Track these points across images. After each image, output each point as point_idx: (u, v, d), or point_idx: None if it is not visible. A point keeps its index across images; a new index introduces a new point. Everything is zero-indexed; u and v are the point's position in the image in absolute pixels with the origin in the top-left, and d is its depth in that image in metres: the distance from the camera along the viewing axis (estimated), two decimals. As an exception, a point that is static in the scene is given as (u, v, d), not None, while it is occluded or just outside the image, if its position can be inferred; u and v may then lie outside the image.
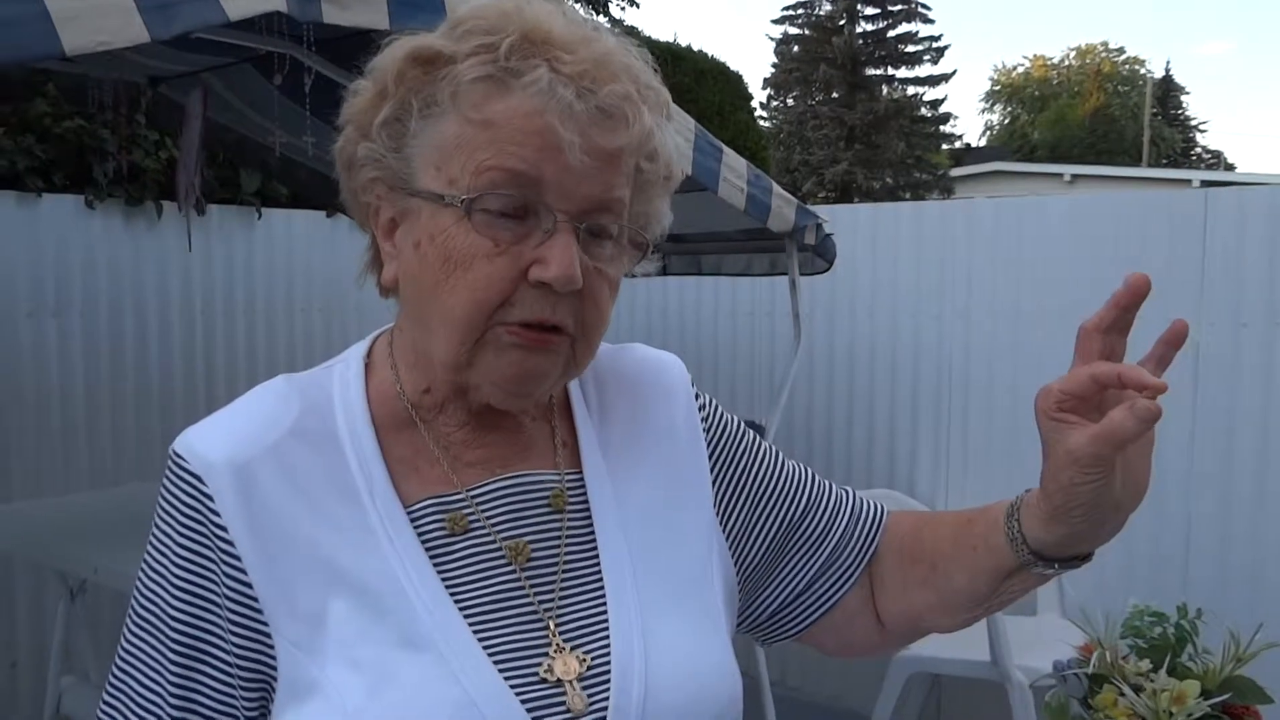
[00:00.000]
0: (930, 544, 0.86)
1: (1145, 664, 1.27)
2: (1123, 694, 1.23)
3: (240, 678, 0.71)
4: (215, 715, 0.71)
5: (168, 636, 0.72)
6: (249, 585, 0.70)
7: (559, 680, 0.70)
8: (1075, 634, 1.55)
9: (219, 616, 0.71)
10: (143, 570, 0.73)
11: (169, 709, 0.71)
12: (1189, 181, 16.26)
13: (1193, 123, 38.51)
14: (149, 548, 0.73)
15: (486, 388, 0.73)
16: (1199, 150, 37.67)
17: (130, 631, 0.74)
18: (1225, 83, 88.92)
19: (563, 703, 0.70)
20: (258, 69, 2.53)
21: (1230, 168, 34.78)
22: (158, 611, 0.72)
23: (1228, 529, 2.95)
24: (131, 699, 0.73)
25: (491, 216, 0.69)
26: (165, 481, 0.73)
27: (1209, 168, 33.04)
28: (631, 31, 8.45)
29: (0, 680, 3.16)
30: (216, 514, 0.70)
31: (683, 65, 8.00)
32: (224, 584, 0.70)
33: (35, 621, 3.20)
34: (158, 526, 0.73)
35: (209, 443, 0.72)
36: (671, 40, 9.27)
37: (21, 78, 2.99)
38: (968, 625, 0.87)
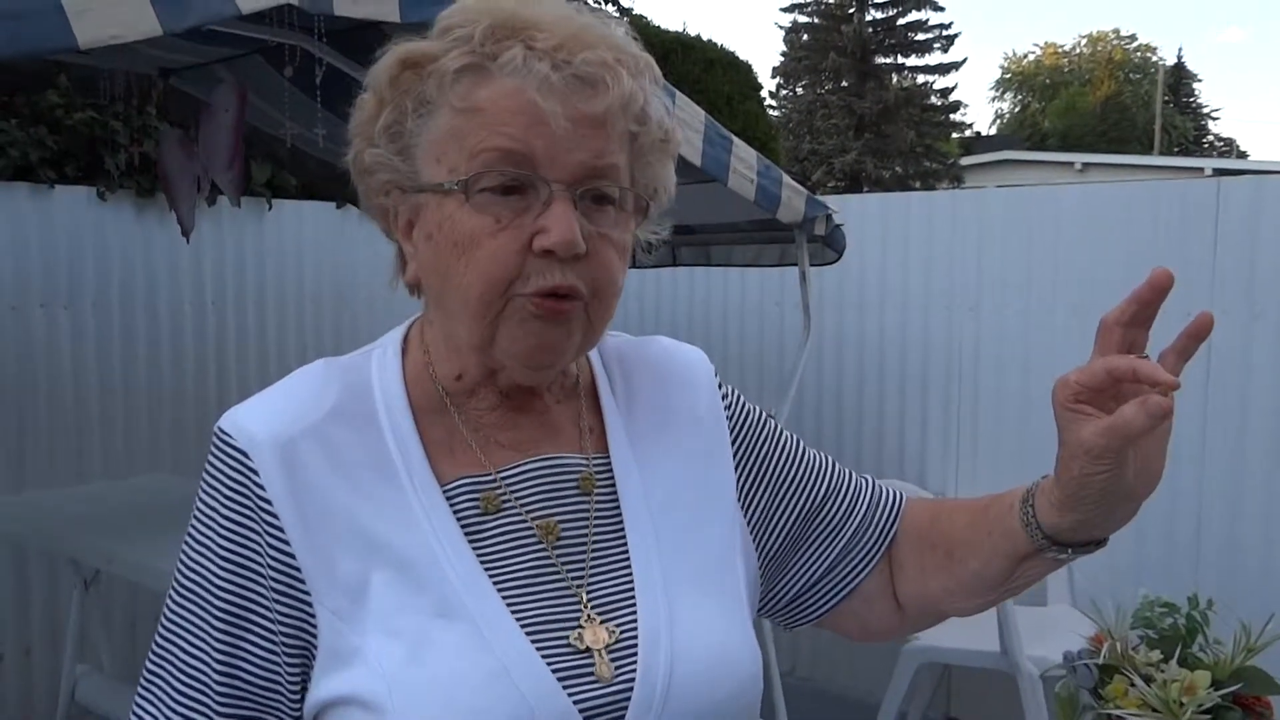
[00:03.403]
0: (947, 529, 0.88)
1: (1156, 654, 1.27)
2: (1133, 684, 1.23)
3: (284, 646, 0.73)
4: (260, 682, 0.74)
5: (214, 606, 0.74)
6: (292, 556, 0.73)
7: (588, 649, 0.73)
8: (1085, 624, 1.55)
9: (263, 587, 0.73)
10: (187, 544, 0.76)
11: (215, 676, 0.73)
12: (1201, 169, 16.16)
13: (1205, 110, 38.24)
14: (193, 522, 0.76)
15: (510, 363, 0.77)
16: (1211, 138, 37.41)
17: (174, 603, 0.76)
18: (1239, 70, 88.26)
19: (591, 671, 0.73)
20: (268, 60, 2.54)
21: (1243, 155, 34.55)
22: (203, 583, 0.74)
23: (1240, 519, 2.94)
24: (176, 667, 0.74)
25: (491, 195, 0.72)
26: (211, 458, 0.76)
27: (1221, 155, 32.83)
28: (639, 21, 8.42)
29: (15, 669, 3.19)
30: (262, 488, 0.73)
31: (691, 55, 7.95)
32: (268, 555, 0.73)
33: (49, 610, 3.23)
34: (203, 500, 0.76)
35: (254, 420, 0.75)
36: (680, 30, 9.23)
37: (33, 69, 3.00)
38: (986, 609, 0.90)
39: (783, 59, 23.83)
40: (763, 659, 2.89)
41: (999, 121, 42.50)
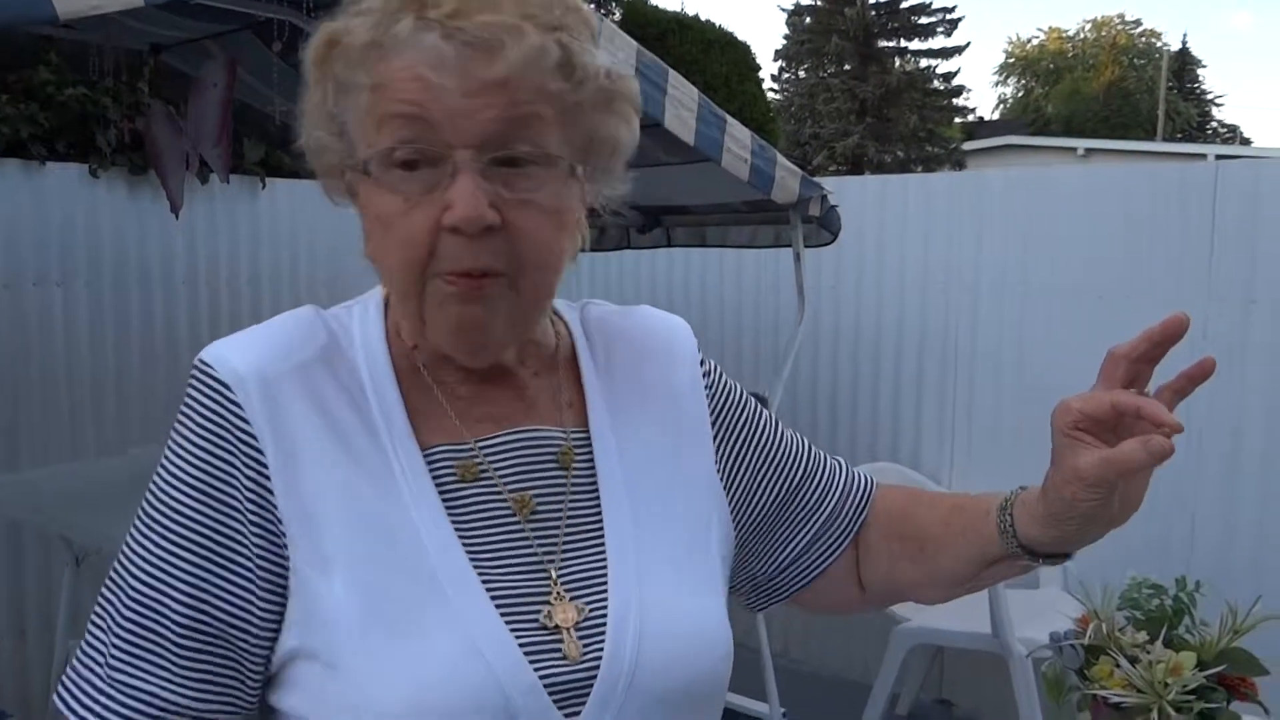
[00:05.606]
0: (921, 523, 0.89)
1: (1142, 636, 1.26)
2: (1118, 665, 1.23)
3: (258, 582, 0.71)
4: (226, 618, 0.70)
5: (181, 539, 0.70)
6: (271, 493, 0.71)
7: (557, 627, 0.72)
8: (1077, 607, 1.54)
9: (239, 521, 0.71)
10: (158, 476, 0.73)
11: (176, 608, 0.70)
12: (1204, 156, 16.09)
13: (1209, 96, 38.05)
14: (166, 453, 0.73)
15: (443, 346, 0.75)
16: (1215, 124, 37.24)
17: (139, 534, 0.72)
18: (1244, 55, 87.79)
19: (559, 649, 0.72)
20: (258, 36, 2.52)
21: (1246, 142, 34.42)
22: (172, 514, 0.71)
23: (1233, 506, 2.94)
24: (133, 596, 0.71)
25: (402, 173, 0.70)
26: (190, 390, 0.74)
27: (1225, 142, 32.70)
28: (637, 2, 8.37)
29: (9, 647, 3.19)
30: (246, 421, 0.71)
31: (689, 35, 7.90)
32: (245, 488, 0.71)
33: (44, 589, 3.22)
34: (177, 431, 0.73)
35: (238, 355, 0.74)
36: (679, 10, 9.17)
37: (24, 44, 2.98)
38: (947, 600, 0.92)
39: (785, 42, 23.71)
40: (754, 640, 2.87)
41: (1002, 106, 42.35)
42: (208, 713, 0.71)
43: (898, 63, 22.55)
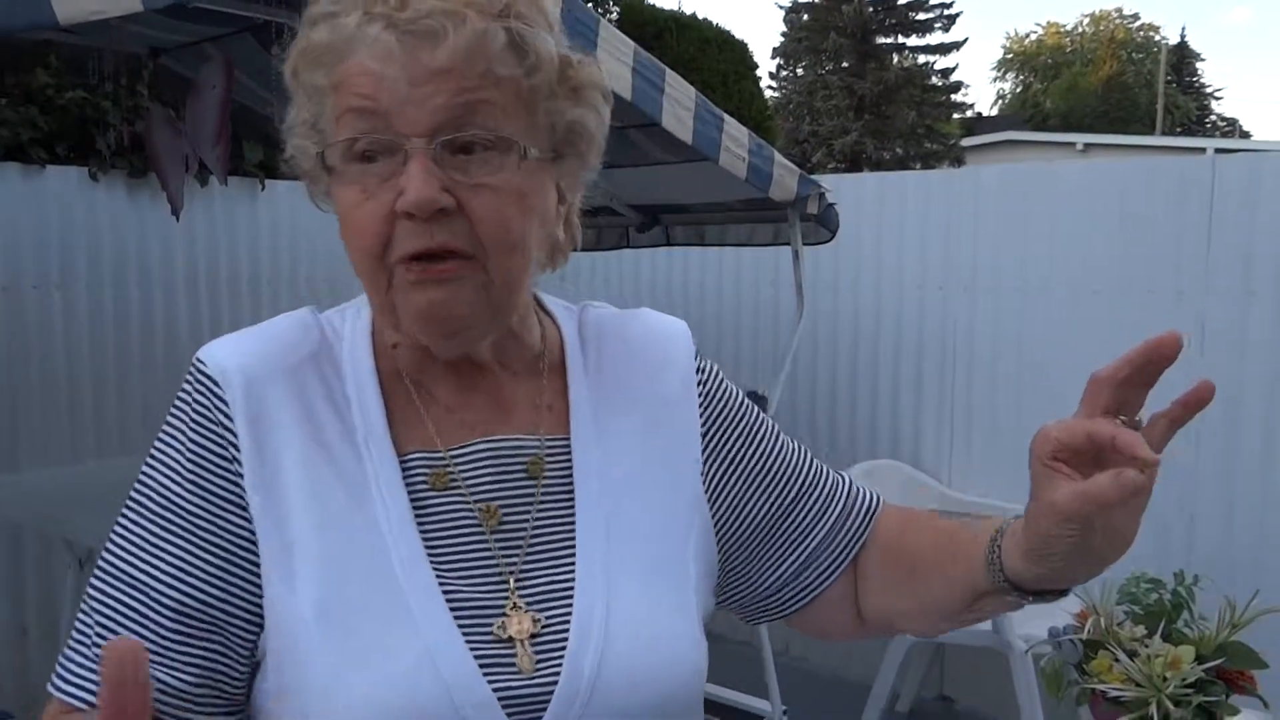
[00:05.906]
0: (913, 547, 0.85)
1: (1140, 630, 1.27)
2: (1118, 659, 1.23)
3: (243, 572, 0.72)
4: (218, 604, 0.72)
5: (171, 524, 0.72)
6: (244, 492, 0.72)
7: (511, 639, 0.72)
8: (1076, 602, 1.55)
9: (224, 509, 0.72)
10: (149, 465, 0.75)
11: (166, 590, 0.71)
12: (1203, 150, 16.09)
13: (1208, 90, 38.05)
14: (157, 442, 0.75)
15: (416, 335, 0.75)
16: (1214, 118, 37.24)
17: (129, 518, 0.74)
18: (1243, 49, 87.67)
19: (514, 662, 0.71)
20: (256, 39, 2.52)
21: (1245, 135, 34.41)
22: (163, 502, 0.73)
23: (1234, 500, 2.94)
24: (120, 578, 0.72)
25: (361, 165, 0.71)
26: (184, 385, 0.76)
27: (1224, 135, 32.69)
28: (634, 1, 8.37)
29: (10, 648, 3.20)
30: (228, 417, 0.73)
31: (687, 34, 7.91)
32: (226, 482, 0.73)
33: (45, 590, 3.23)
34: (169, 422, 0.76)
35: (231, 355, 0.76)
36: (676, 9, 9.17)
37: (24, 48, 2.98)
38: (940, 634, 0.88)
39: (783, 39, 23.69)
40: (755, 639, 2.85)
41: (1001, 102, 42.34)
42: (198, 696, 0.71)
43: (896, 59, 22.50)
